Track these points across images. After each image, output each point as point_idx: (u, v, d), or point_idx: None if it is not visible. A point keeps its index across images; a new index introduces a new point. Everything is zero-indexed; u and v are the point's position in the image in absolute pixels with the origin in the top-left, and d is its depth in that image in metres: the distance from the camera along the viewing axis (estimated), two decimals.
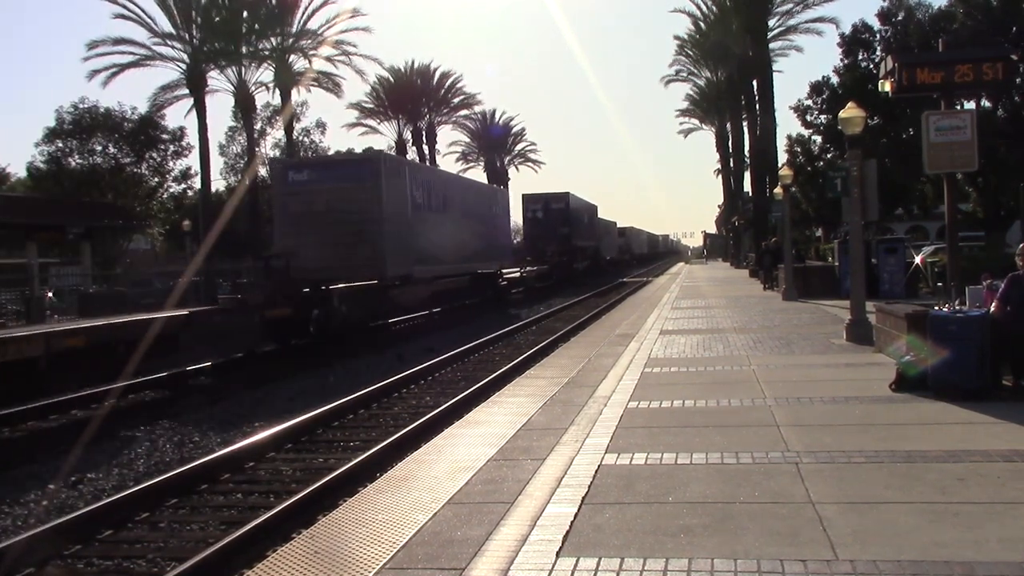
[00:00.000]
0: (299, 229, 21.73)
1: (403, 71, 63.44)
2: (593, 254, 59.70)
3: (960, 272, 14.33)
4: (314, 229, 21.51)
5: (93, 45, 41.79)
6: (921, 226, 59.31)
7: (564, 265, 48.98)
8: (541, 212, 49.70)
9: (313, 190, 21.94)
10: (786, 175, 26.13)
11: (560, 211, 49.31)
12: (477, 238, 31.33)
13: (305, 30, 46.35)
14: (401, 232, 22.84)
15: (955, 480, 5.57)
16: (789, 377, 10.02)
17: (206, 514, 8.02)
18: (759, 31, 45.09)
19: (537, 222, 49.94)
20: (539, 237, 49.03)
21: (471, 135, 75.71)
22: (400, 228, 22.87)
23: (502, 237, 36.60)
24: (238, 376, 16.34)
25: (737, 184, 63.36)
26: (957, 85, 14.76)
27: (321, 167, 23.32)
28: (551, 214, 49.18)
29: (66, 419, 12.84)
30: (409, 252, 23.40)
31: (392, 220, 22.38)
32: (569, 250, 49.69)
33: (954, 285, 12.67)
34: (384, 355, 19.42)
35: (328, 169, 22.88)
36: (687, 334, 15.39)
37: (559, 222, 48.91)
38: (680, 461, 6.35)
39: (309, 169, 23.08)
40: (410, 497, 5.78)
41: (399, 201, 23.06)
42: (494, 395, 10.18)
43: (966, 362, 8.21)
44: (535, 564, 4.41)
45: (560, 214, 49.22)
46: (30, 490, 9.04)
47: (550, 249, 47.87)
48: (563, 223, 49.08)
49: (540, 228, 49.35)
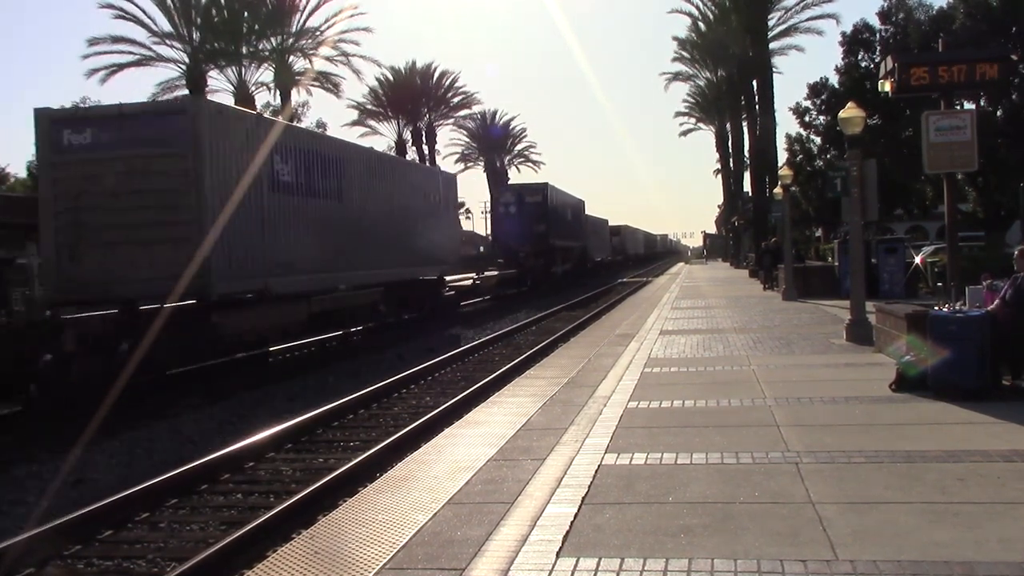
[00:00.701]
0: (76, 218, 14.31)
1: (403, 71, 63.46)
2: (579, 256, 53.21)
3: (960, 272, 14.34)
4: (96, 219, 14.22)
5: (93, 42, 41.77)
6: (921, 226, 59.30)
7: (540, 269, 42.90)
8: (514, 207, 42.89)
9: (98, 159, 14.32)
10: (786, 175, 26.15)
11: (536, 205, 42.62)
12: (403, 235, 23.09)
13: (305, 30, 46.37)
14: (243, 225, 15.16)
15: (955, 480, 5.57)
16: (789, 377, 10.02)
17: (206, 514, 8.02)
18: (759, 30, 45.07)
19: (509, 218, 43.01)
20: (511, 236, 42.52)
21: (471, 135, 75.66)
22: (242, 219, 15.10)
23: (445, 233, 27.72)
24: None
25: (737, 184, 63.40)
26: (957, 85, 14.77)
27: (111, 123, 14.58)
28: (526, 209, 42.38)
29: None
30: (262, 255, 15.86)
31: (222, 205, 14.55)
32: (547, 251, 43.18)
33: (954, 285, 12.69)
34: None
35: (121, 126, 14.54)
36: (687, 334, 15.39)
37: (535, 218, 42.17)
38: (680, 461, 6.35)
39: (93, 126, 14.62)
40: (410, 497, 5.78)
41: (238, 176, 15.11)
42: (494, 395, 10.18)
43: (966, 362, 8.22)
44: (535, 564, 4.41)
45: (536, 209, 42.51)
46: (30, 490, 9.04)
47: (524, 250, 41.68)
48: (539, 219, 42.28)
49: (512, 225, 42.50)
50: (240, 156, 15.28)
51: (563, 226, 46.69)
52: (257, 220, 15.85)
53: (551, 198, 43.92)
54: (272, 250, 16.27)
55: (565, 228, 47.33)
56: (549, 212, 43.19)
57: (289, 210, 17.02)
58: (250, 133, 15.89)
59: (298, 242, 17.19)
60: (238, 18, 44.71)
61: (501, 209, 44.13)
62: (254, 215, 15.73)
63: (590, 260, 58.14)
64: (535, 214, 42.33)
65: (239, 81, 46.25)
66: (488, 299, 35.62)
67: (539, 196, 43.06)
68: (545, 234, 42.41)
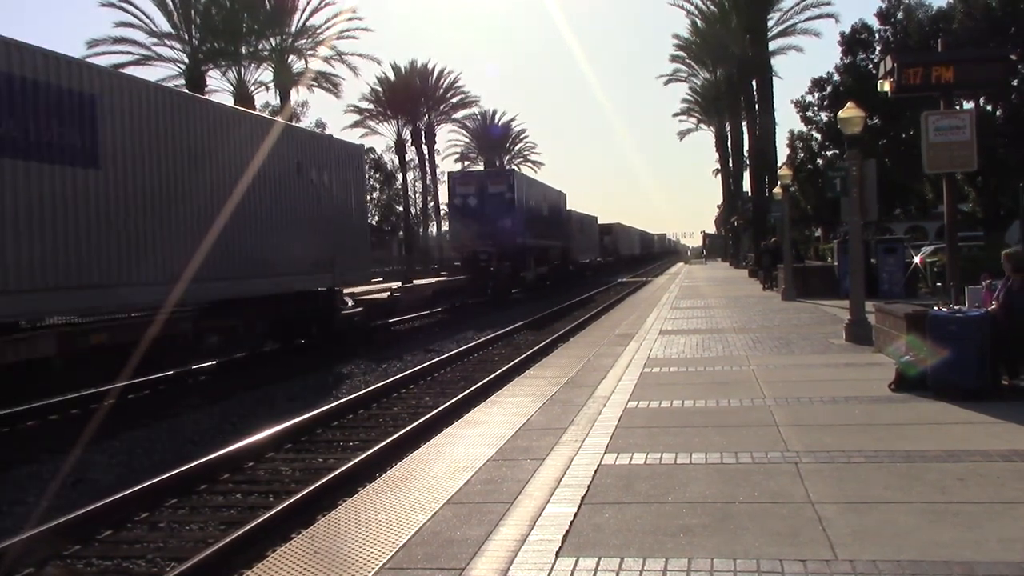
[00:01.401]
0: None
1: (402, 70, 63.49)
2: (559, 257, 46.15)
3: (959, 272, 14.34)
4: None
5: (93, 44, 41.77)
6: (920, 226, 59.31)
7: (506, 274, 35.43)
8: (474, 198, 35.49)
9: None
10: (785, 175, 26.17)
11: (501, 196, 35.28)
12: (247, 227, 15.72)
13: (305, 28, 46.41)
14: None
15: (955, 480, 5.57)
16: (789, 377, 10.03)
17: (206, 514, 8.01)
18: (759, 30, 45.12)
19: (467, 212, 35.61)
20: (469, 233, 35.38)
21: (471, 135, 75.71)
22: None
23: (341, 227, 19.51)
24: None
25: (736, 184, 63.41)
26: (956, 85, 14.77)
27: None
28: (488, 201, 35.19)
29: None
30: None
31: None
32: (516, 252, 35.93)
33: (953, 285, 12.71)
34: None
35: None
36: (686, 334, 15.40)
37: (500, 212, 35.01)
38: (680, 461, 6.35)
39: None
40: (409, 497, 5.78)
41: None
42: (493, 395, 10.18)
43: (966, 362, 8.22)
44: (535, 564, 4.41)
45: (501, 201, 35.20)
46: (30, 490, 9.03)
47: (486, 250, 34.68)
48: (505, 213, 35.02)
49: (472, 220, 35.38)
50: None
51: (537, 222, 40.17)
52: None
53: (520, 188, 36.74)
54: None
55: (540, 224, 40.90)
56: (518, 204, 36.06)
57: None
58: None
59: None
60: (237, 18, 44.72)
61: (458, 201, 36.20)
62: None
63: (573, 262, 51.46)
64: (500, 207, 35.16)
65: (239, 81, 46.28)
66: (438, 313, 29.13)
67: (504, 185, 35.86)
68: (512, 231, 35.22)
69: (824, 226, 48.22)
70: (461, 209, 35.90)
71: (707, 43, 55.43)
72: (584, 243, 56.52)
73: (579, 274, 53.11)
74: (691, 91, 69.39)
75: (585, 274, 55.69)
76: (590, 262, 59.28)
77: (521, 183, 37.55)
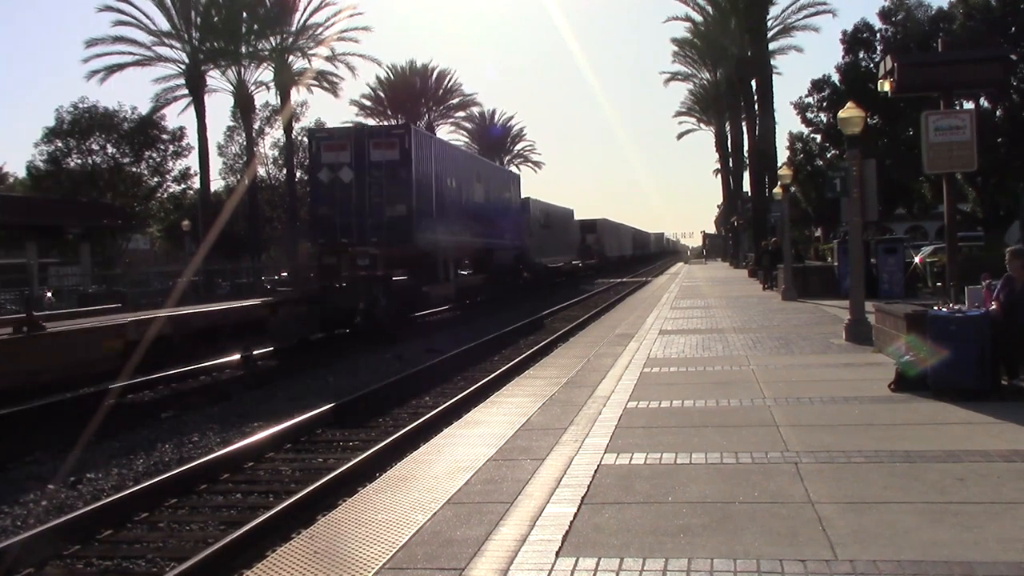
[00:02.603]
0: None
1: (402, 70, 63.48)
2: (508, 261, 35.21)
3: (959, 272, 14.34)
4: None
5: (92, 43, 41.79)
6: (920, 226, 59.35)
7: (403, 291, 22.71)
8: (349, 169, 22.64)
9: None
10: (785, 175, 26.15)
11: (392, 168, 22.56)
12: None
13: (305, 27, 46.38)
14: None
15: (954, 480, 5.57)
16: (788, 377, 10.02)
17: (205, 514, 8.02)
18: (758, 30, 45.07)
19: (339, 192, 22.74)
20: (339, 224, 22.74)
21: (471, 135, 75.66)
22: None
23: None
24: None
25: (736, 184, 63.44)
26: (956, 85, 14.78)
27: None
28: (371, 175, 22.61)
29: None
30: None
31: None
32: (417, 255, 24.00)
33: (953, 285, 12.71)
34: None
35: None
36: (686, 334, 15.39)
37: (390, 191, 22.57)
38: (679, 461, 6.35)
39: None
40: (409, 497, 5.78)
41: None
42: (493, 395, 10.18)
43: (966, 362, 8.22)
44: (535, 564, 4.41)
45: (393, 172, 22.57)
46: (30, 490, 9.03)
47: (364, 251, 21.87)
48: (400, 195, 22.62)
49: (344, 205, 22.72)
50: None
51: (459, 209, 27.56)
52: None
53: (421, 153, 23.70)
54: None
55: (467, 213, 28.43)
56: (420, 179, 23.36)
57: None
58: None
59: None
60: (237, 18, 44.74)
61: (323, 175, 22.99)
62: None
63: (534, 268, 39.32)
64: (390, 183, 22.53)
65: (238, 81, 46.28)
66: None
67: (395, 150, 22.57)
68: (407, 220, 22.61)
69: (824, 226, 48.21)
70: (328, 188, 22.82)
71: (707, 43, 55.43)
72: (555, 243, 45.16)
73: (545, 283, 41.27)
74: (691, 91, 69.51)
75: (556, 281, 45.51)
76: (563, 266, 47.81)
77: (424, 145, 24.31)
